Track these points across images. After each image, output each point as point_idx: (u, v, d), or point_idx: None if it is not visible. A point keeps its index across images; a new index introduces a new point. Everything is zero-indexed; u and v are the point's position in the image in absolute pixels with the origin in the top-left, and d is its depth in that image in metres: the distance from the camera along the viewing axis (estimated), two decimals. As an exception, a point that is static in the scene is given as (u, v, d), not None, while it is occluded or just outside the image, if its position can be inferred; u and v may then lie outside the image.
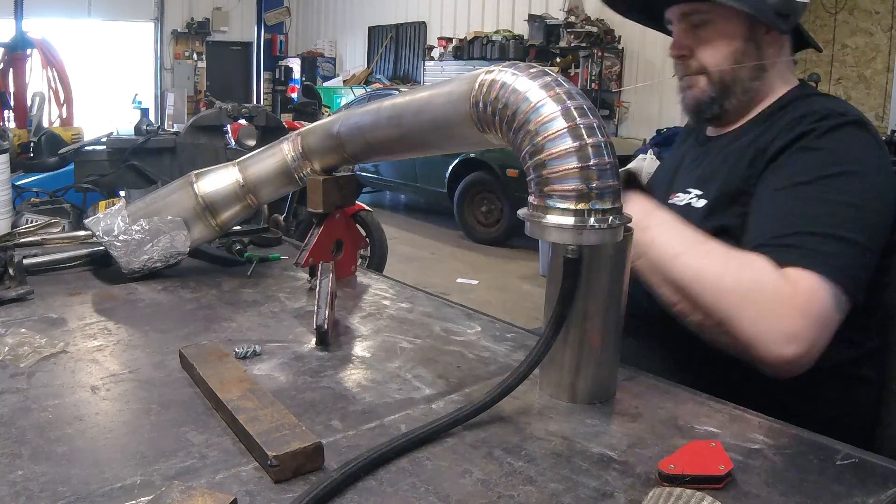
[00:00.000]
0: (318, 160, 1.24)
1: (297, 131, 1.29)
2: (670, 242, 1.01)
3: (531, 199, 0.81)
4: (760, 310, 0.93)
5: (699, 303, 0.98)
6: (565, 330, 0.84)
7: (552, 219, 0.78)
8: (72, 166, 2.03)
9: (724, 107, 1.18)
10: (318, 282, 1.13)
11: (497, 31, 10.29)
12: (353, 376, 0.94)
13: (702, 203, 1.13)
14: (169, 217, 1.27)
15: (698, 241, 1.01)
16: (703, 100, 1.19)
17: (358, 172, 7.21)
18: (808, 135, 1.06)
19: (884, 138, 6.51)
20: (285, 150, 1.26)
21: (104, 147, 1.97)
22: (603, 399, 0.88)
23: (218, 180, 1.28)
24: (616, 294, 0.86)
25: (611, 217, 0.78)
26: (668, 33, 1.28)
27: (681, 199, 1.18)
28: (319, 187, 1.27)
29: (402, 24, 12.47)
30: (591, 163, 0.77)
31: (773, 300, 0.93)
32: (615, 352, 0.88)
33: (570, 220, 0.77)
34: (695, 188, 1.17)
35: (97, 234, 1.27)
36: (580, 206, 0.77)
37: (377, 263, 4.46)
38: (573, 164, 0.77)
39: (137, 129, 2.09)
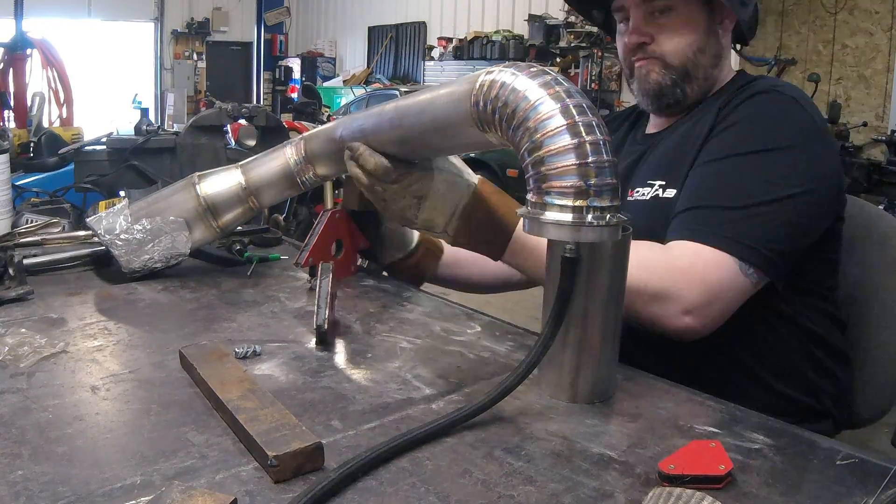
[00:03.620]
0: (321, 165, 1.23)
1: (301, 135, 1.29)
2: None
3: (529, 196, 0.80)
4: (660, 288, 0.97)
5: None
6: (565, 330, 0.84)
7: (550, 215, 0.77)
8: (72, 166, 2.03)
9: (684, 91, 1.18)
10: (318, 282, 1.13)
11: (497, 31, 10.30)
12: (353, 376, 0.94)
13: (672, 192, 1.12)
14: (171, 217, 1.27)
15: None
16: (664, 84, 1.18)
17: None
18: (740, 107, 1.09)
19: (884, 139, 6.54)
20: (288, 153, 1.25)
21: (104, 147, 1.97)
22: (603, 399, 0.88)
23: (220, 182, 1.28)
24: (616, 293, 0.86)
25: (608, 214, 0.77)
26: (607, 31, 1.32)
27: (642, 193, 1.16)
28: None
29: (402, 24, 12.47)
30: (589, 160, 0.76)
31: (668, 274, 0.97)
32: (615, 351, 0.89)
33: (568, 217, 0.76)
34: (655, 180, 1.16)
35: (98, 232, 1.27)
36: (578, 203, 0.76)
37: (377, 263, 4.46)
38: (571, 160, 0.76)
39: (137, 129, 2.09)
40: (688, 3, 1.14)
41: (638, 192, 1.18)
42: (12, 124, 3.82)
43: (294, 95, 12.26)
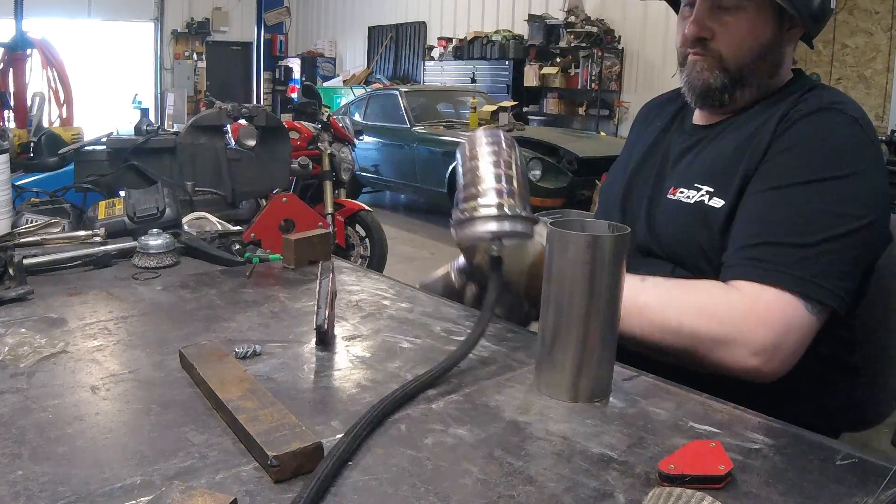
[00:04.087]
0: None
1: None
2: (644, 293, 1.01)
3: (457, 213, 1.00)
4: (721, 333, 0.95)
5: (665, 329, 0.99)
6: (567, 329, 0.85)
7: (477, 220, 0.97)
8: (72, 166, 2.03)
9: (733, 97, 1.13)
10: (318, 282, 1.13)
11: (497, 31, 10.29)
12: (353, 376, 0.94)
13: (719, 202, 1.07)
14: None
15: (640, 279, 1.02)
16: (714, 85, 1.12)
17: (358, 173, 7.21)
18: (799, 123, 1.04)
19: (884, 139, 6.55)
20: None
21: (104, 147, 1.96)
22: (602, 397, 0.88)
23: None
24: (615, 292, 0.86)
25: (524, 215, 0.95)
26: (674, 6, 1.23)
27: (687, 195, 1.11)
28: (292, 246, 1.39)
29: (402, 24, 12.47)
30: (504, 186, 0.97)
31: (730, 317, 0.94)
32: (613, 350, 0.89)
33: (492, 211, 0.95)
34: (703, 184, 1.09)
35: None
36: (500, 205, 0.95)
37: (377, 263, 4.46)
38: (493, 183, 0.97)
39: (137, 129, 2.08)
40: (761, 6, 1.07)
41: (682, 192, 1.12)
42: (12, 124, 3.81)
43: (294, 95, 12.27)
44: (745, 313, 0.94)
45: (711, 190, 1.08)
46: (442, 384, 0.91)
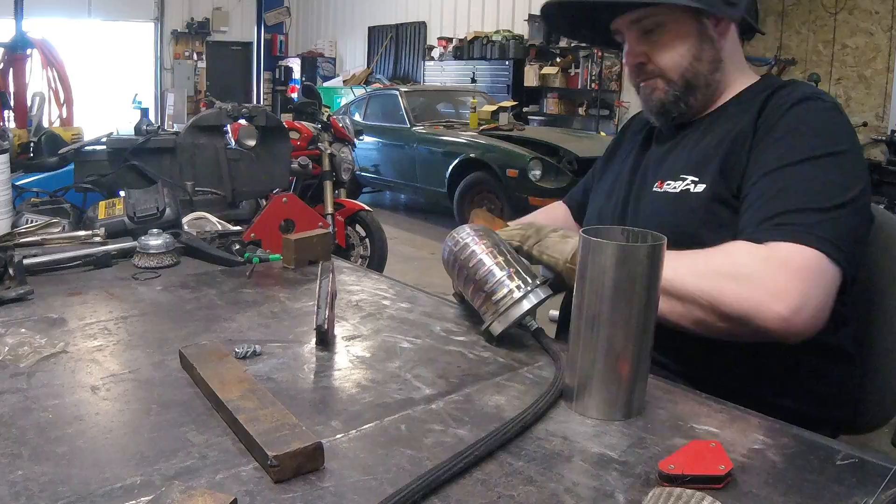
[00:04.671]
0: None
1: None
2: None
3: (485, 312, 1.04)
4: (741, 279, 0.96)
5: (684, 296, 1.00)
6: (624, 345, 0.82)
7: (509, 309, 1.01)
8: (72, 166, 2.03)
9: (688, 104, 1.20)
10: (318, 282, 1.13)
11: (497, 31, 10.29)
12: (353, 376, 0.94)
13: (701, 187, 1.13)
14: None
15: (674, 257, 1.01)
16: (667, 101, 1.20)
17: (358, 173, 7.21)
18: (789, 112, 1.09)
19: (884, 139, 6.54)
20: None
21: (104, 147, 1.97)
22: (642, 410, 0.86)
23: None
24: (653, 302, 0.84)
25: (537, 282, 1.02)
26: (615, 47, 1.30)
27: (674, 186, 1.17)
28: (292, 246, 1.39)
29: (402, 24, 12.47)
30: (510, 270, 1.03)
31: (752, 267, 0.96)
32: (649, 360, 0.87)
33: (516, 294, 1.01)
34: (687, 175, 1.16)
35: None
36: (518, 286, 1.01)
37: (377, 263, 4.46)
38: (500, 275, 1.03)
39: (137, 129, 2.08)
40: (675, 16, 1.15)
41: (668, 184, 1.18)
42: (12, 124, 3.81)
43: (294, 95, 12.27)
44: (774, 268, 0.95)
45: (696, 179, 1.14)
46: (442, 384, 0.91)
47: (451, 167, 6.56)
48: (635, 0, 1.16)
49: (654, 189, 1.20)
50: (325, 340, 1.03)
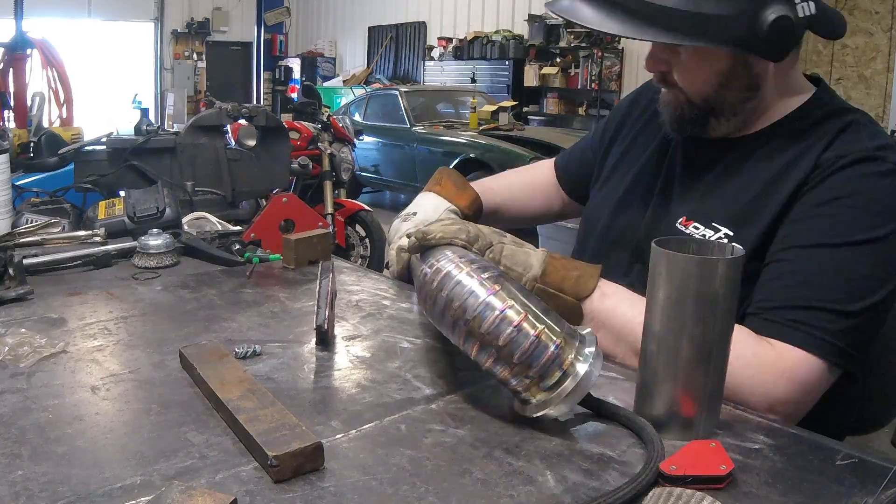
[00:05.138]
0: None
1: None
2: (633, 311, 0.92)
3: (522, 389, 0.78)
4: (744, 378, 0.89)
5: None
6: (706, 360, 0.78)
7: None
8: (72, 166, 2.03)
9: (709, 126, 1.07)
10: (318, 282, 1.13)
11: (497, 31, 10.30)
12: (353, 376, 0.94)
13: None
14: None
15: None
16: (684, 118, 1.07)
17: (358, 173, 7.21)
18: (840, 174, 0.96)
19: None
20: None
21: (104, 147, 1.97)
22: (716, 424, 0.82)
23: None
24: (735, 315, 0.80)
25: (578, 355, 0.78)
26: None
27: (702, 232, 1.04)
28: (292, 246, 1.39)
29: (402, 24, 12.48)
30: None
31: (756, 367, 0.89)
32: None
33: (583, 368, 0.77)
34: (722, 225, 1.02)
35: None
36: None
37: (377, 263, 4.46)
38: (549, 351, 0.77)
39: (137, 129, 2.08)
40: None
41: (696, 227, 1.06)
42: (12, 124, 3.81)
43: (294, 95, 12.26)
44: (776, 375, 0.89)
45: (731, 234, 1.02)
46: (442, 384, 0.91)
47: (451, 167, 6.56)
48: (649, 39, 0.99)
49: (678, 225, 1.08)
50: (325, 340, 1.03)
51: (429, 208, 1.25)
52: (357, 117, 7.73)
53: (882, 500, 0.67)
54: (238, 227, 1.61)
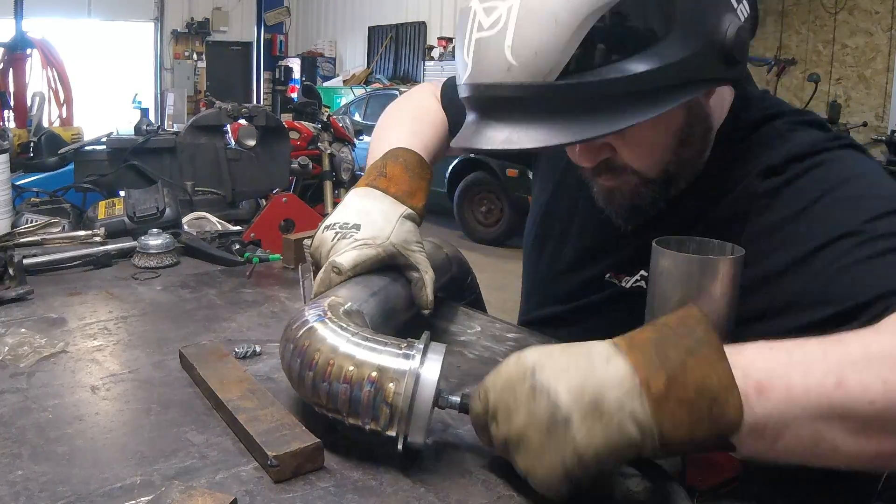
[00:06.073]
0: None
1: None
2: (807, 380, 0.60)
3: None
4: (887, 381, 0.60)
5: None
6: None
7: None
8: (72, 166, 2.04)
9: (668, 196, 0.90)
10: (302, 283, 1.13)
11: (497, 31, 10.28)
12: (353, 376, 0.93)
13: None
14: None
15: (823, 354, 0.62)
16: (642, 203, 0.89)
17: (358, 173, 7.21)
18: (817, 200, 0.81)
19: (883, 139, 6.54)
20: None
21: (104, 147, 1.97)
22: None
23: None
24: (734, 317, 0.77)
25: None
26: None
27: (627, 281, 0.93)
28: (292, 246, 1.37)
29: (402, 24, 12.47)
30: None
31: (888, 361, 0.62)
32: None
33: None
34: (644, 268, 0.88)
35: None
36: None
37: (377, 263, 4.45)
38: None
39: (137, 129, 2.09)
40: None
41: (622, 277, 0.96)
42: (12, 124, 3.81)
43: (294, 95, 12.26)
44: None
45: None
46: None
47: (450, 167, 6.56)
48: (595, 136, 0.75)
49: (608, 278, 0.98)
50: None
51: (376, 218, 0.92)
52: (357, 117, 7.73)
53: (882, 501, 0.67)
54: (238, 227, 1.62)
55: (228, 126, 2.22)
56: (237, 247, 1.48)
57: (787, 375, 0.60)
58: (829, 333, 0.63)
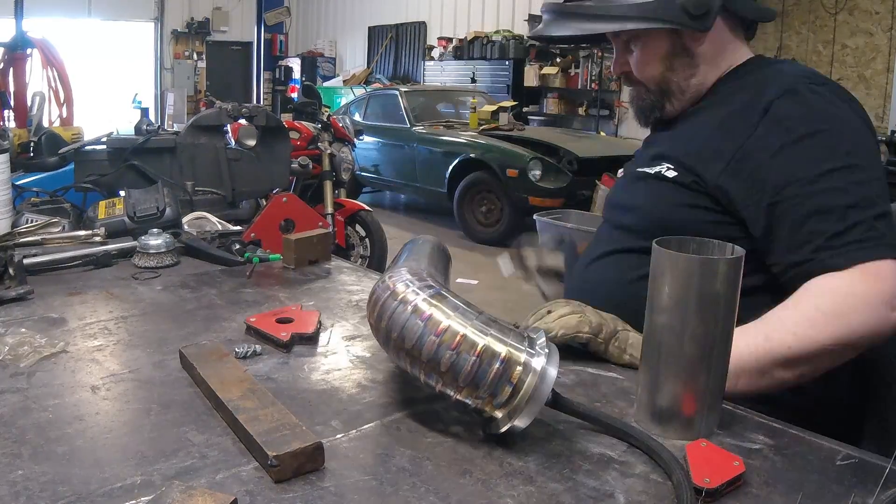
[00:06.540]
0: None
1: None
2: (747, 341, 0.94)
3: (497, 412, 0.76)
4: (860, 307, 0.94)
5: (815, 354, 0.95)
6: (707, 363, 0.78)
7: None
8: (72, 166, 2.03)
9: (665, 108, 1.24)
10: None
11: (497, 31, 10.28)
12: (353, 376, 0.94)
13: (672, 173, 1.14)
14: None
15: (770, 323, 0.97)
16: (645, 106, 1.26)
17: (358, 173, 7.21)
18: (767, 116, 1.08)
19: (883, 139, 6.54)
20: None
21: (104, 147, 1.97)
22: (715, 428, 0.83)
23: None
24: (735, 314, 0.81)
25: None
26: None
27: (651, 168, 1.18)
28: (292, 246, 1.40)
29: (402, 24, 12.47)
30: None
31: (860, 292, 0.95)
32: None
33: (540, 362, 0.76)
34: (665, 162, 1.17)
35: None
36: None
37: (377, 263, 4.45)
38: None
39: (137, 129, 2.08)
40: (648, 31, 1.18)
41: (648, 167, 1.20)
42: (12, 124, 3.81)
43: (294, 95, 12.26)
44: (874, 285, 0.95)
45: (671, 165, 1.16)
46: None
47: (451, 167, 6.56)
48: (587, 35, 1.23)
49: (637, 170, 1.23)
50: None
51: None
52: (357, 117, 7.72)
53: (882, 500, 0.67)
54: (238, 227, 1.61)
55: (228, 126, 2.22)
56: (237, 247, 1.48)
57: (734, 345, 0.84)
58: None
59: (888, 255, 0.96)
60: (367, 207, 4.64)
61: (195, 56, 13.95)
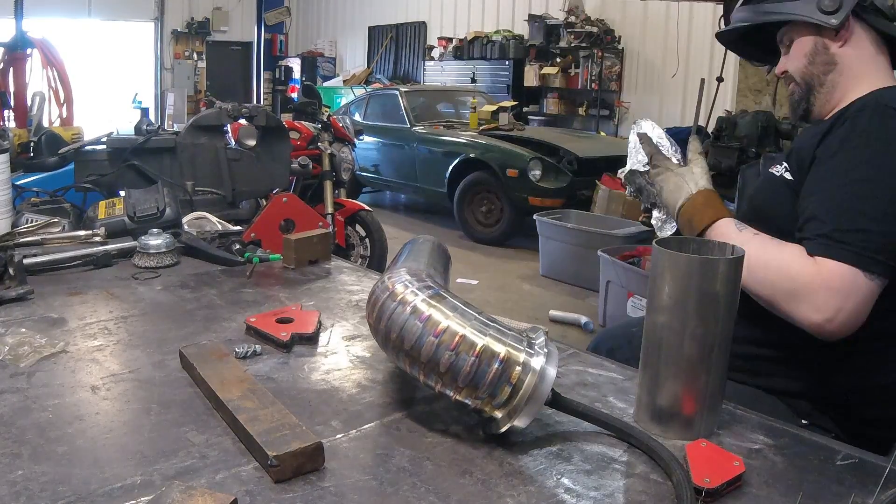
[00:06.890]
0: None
1: None
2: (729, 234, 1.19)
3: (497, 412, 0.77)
4: (793, 290, 1.10)
5: (749, 283, 1.11)
6: (707, 362, 0.79)
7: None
8: (72, 166, 2.03)
9: (811, 102, 1.37)
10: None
11: (497, 31, 10.29)
12: (353, 376, 0.94)
13: (789, 175, 1.28)
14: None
15: (750, 235, 1.19)
16: (794, 101, 1.40)
17: (358, 173, 7.21)
18: (844, 124, 1.20)
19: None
20: None
21: (104, 147, 1.96)
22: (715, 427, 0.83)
23: None
24: (731, 320, 0.81)
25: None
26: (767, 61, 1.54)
27: (777, 169, 1.33)
28: (292, 246, 1.40)
29: (402, 24, 12.48)
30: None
31: (803, 279, 1.09)
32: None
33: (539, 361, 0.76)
34: (797, 169, 1.30)
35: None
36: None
37: (377, 263, 4.45)
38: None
39: (137, 129, 2.08)
40: (799, 32, 1.35)
41: (775, 167, 1.35)
42: (12, 124, 3.81)
43: (294, 95, 12.26)
44: (818, 284, 1.08)
45: (788, 167, 1.31)
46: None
47: (451, 167, 6.56)
48: (737, 26, 1.41)
49: (769, 169, 1.38)
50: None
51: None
52: (357, 117, 7.72)
53: (882, 501, 0.67)
54: (238, 227, 1.61)
55: (228, 126, 2.22)
56: (237, 247, 1.48)
57: (728, 236, 1.15)
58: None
59: (851, 262, 1.07)
60: (367, 207, 4.64)
61: (195, 56, 13.95)
